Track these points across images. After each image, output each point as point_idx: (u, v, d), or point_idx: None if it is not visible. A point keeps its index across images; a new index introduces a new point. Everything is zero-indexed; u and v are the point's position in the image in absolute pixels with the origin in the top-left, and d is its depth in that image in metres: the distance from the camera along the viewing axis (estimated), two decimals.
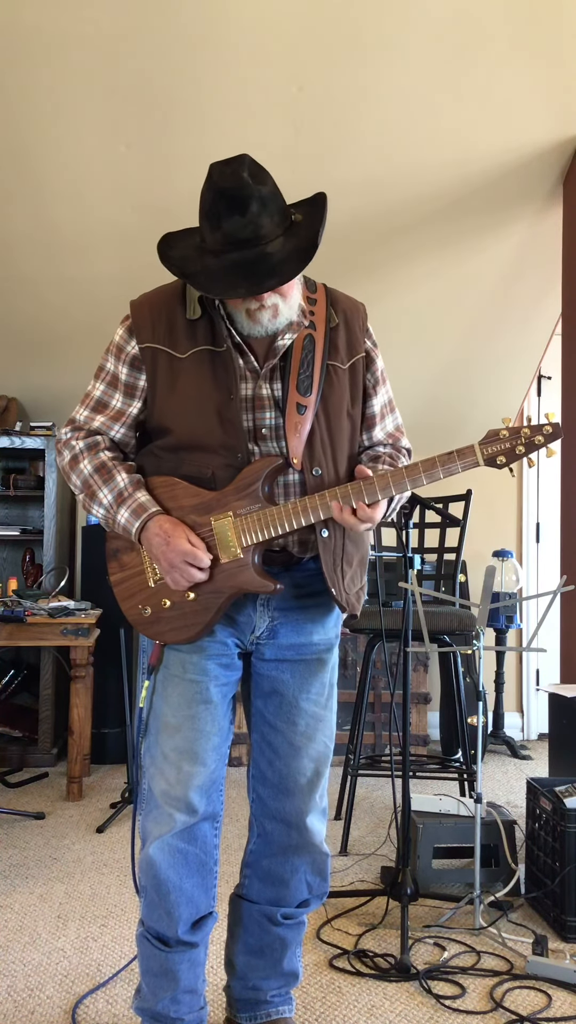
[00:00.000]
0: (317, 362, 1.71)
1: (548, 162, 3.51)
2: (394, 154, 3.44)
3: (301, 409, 1.68)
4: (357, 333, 1.78)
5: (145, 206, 3.57)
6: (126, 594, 1.76)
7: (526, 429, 1.62)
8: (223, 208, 1.54)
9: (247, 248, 1.55)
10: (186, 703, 1.71)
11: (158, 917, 1.74)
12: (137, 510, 1.67)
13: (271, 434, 1.68)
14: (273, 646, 1.76)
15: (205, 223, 1.58)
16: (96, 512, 1.73)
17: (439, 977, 2.23)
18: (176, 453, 1.71)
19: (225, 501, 1.65)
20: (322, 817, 1.83)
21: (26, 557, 4.63)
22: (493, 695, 4.79)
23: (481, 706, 2.56)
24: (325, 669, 1.80)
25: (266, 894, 1.84)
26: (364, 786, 3.88)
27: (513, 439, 1.62)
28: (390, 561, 3.97)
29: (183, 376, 1.68)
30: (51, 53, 3.02)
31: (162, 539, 1.64)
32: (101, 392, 1.75)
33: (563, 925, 2.45)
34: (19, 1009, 2.06)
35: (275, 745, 1.78)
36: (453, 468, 1.63)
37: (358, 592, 1.79)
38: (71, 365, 4.40)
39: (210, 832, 1.76)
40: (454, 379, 4.59)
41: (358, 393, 1.78)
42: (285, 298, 1.64)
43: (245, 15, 2.95)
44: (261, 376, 1.69)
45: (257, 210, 1.54)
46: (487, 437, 1.63)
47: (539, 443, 1.62)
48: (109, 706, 4.27)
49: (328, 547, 1.69)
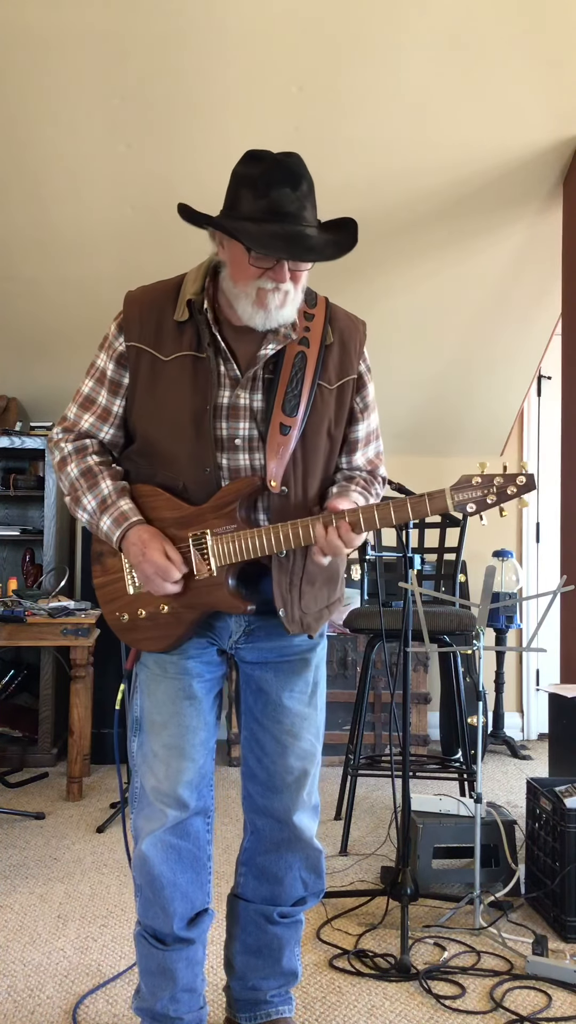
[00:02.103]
0: (307, 381, 1.68)
1: (548, 162, 3.51)
2: (394, 154, 3.44)
3: (285, 430, 1.65)
4: (352, 355, 1.75)
5: (145, 206, 3.57)
6: (107, 598, 1.78)
7: (499, 478, 1.58)
8: (276, 177, 1.53)
9: (288, 223, 1.54)
10: (170, 700, 1.72)
11: (154, 914, 1.75)
12: (119, 519, 1.67)
13: (244, 445, 1.67)
14: (253, 649, 1.76)
15: (247, 192, 1.55)
16: (80, 516, 1.74)
17: (439, 977, 2.23)
18: (149, 460, 1.71)
19: (204, 518, 1.65)
20: (312, 814, 1.83)
21: (26, 557, 4.63)
22: (493, 695, 4.79)
23: (481, 706, 2.56)
24: (309, 668, 1.79)
25: (261, 892, 1.84)
26: (364, 786, 3.88)
27: (485, 487, 1.58)
28: (390, 561, 3.97)
29: (163, 380, 1.67)
30: (51, 53, 3.02)
31: (139, 549, 1.64)
32: (90, 389, 1.75)
33: (563, 925, 2.45)
34: (19, 1009, 2.06)
35: (263, 742, 1.79)
36: (422, 511, 1.60)
37: (322, 610, 1.76)
38: (71, 365, 4.38)
39: (202, 827, 1.77)
40: (454, 379, 4.59)
41: (343, 414, 1.75)
42: (296, 290, 1.62)
43: (245, 15, 2.95)
44: (241, 384, 1.67)
45: (306, 190, 1.56)
46: (459, 482, 1.59)
47: (512, 494, 1.57)
48: (109, 706, 4.26)
49: (284, 568, 1.67)
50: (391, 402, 4.19)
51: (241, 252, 1.57)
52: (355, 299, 4.42)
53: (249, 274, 1.58)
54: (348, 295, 4.22)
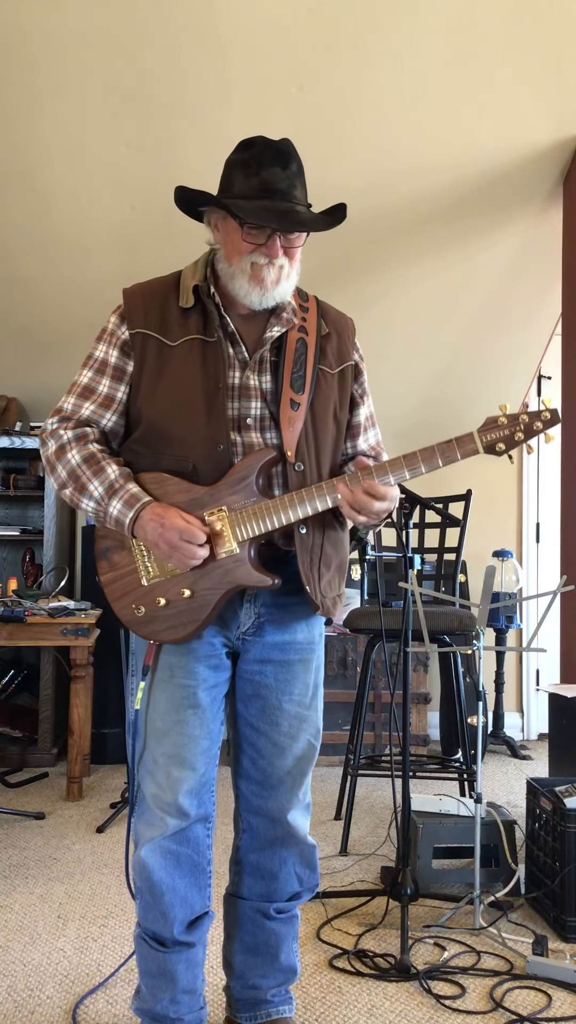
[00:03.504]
0: (309, 364, 1.72)
1: (548, 162, 3.51)
2: (394, 154, 3.44)
3: (295, 406, 1.68)
4: (347, 344, 1.81)
5: (145, 206, 3.57)
6: (117, 594, 1.74)
7: (524, 416, 1.62)
8: (267, 157, 1.60)
9: (278, 199, 1.59)
10: (174, 708, 1.71)
11: (153, 918, 1.75)
12: (130, 500, 1.63)
13: (255, 424, 1.68)
14: (259, 644, 1.75)
15: (239, 173, 1.62)
16: (85, 505, 1.68)
17: (439, 977, 2.23)
18: (153, 447, 1.68)
19: (218, 496, 1.63)
20: (305, 812, 1.84)
21: (26, 557, 4.63)
22: (493, 695, 4.79)
23: (481, 706, 2.56)
24: (308, 670, 1.79)
25: (257, 889, 1.84)
26: (364, 786, 3.88)
27: (512, 426, 1.62)
28: (390, 561, 3.97)
29: (171, 364, 1.67)
30: (51, 53, 3.02)
31: (156, 523, 1.60)
32: (88, 379, 1.73)
33: (563, 925, 2.45)
34: (19, 1009, 2.06)
35: (258, 745, 1.78)
36: (452, 456, 1.63)
37: (335, 598, 1.77)
38: (71, 365, 4.34)
39: (203, 833, 1.77)
40: (454, 379, 4.59)
41: (346, 398, 1.80)
42: (291, 265, 1.65)
43: (245, 15, 2.95)
44: (250, 367, 1.69)
45: (295, 170, 1.62)
46: (485, 425, 1.63)
47: (538, 429, 1.61)
48: (109, 706, 4.27)
49: (306, 545, 1.68)
50: (391, 402, 4.19)
51: (234, 229, 1.62)
52: (355, 299, 4.43)
53: (243, 250, 1.62)
54: (348, 295, 4.23)
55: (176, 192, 1.68)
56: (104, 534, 1.75)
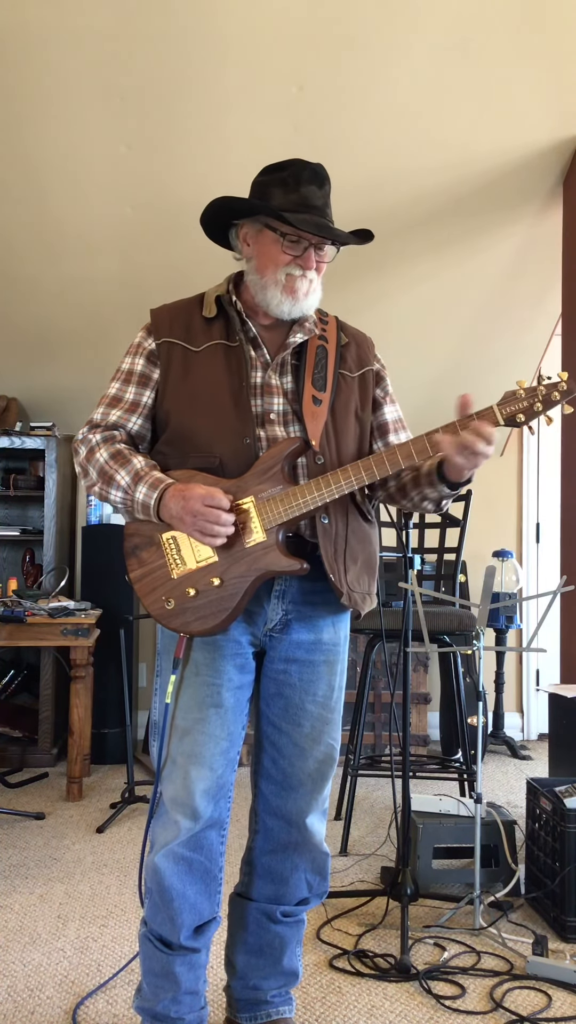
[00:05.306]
0: (330, 367, 1.78)
1: (548, 162, 3.51)
2: (394, 154, 3.44)
3: (317, 402, 1.73)
4: (367, 353, 1.87)
5: (145, 206, 3.57)
6: (147, 589, 1.75)
7: (542, 387, 1.63)
8: (306, 177, 1.69)
9: (316, 214, 1.69)
10: (197, 706, 1.71)
11: (161, 921, 1.75)
12: (155, 483, 1.67)
13: (279, 419, 1.72)
14: (285, 642, 1.76)
15: (278, 189, 1.70)
16: (115, 496, 1.72)
17: (439, 977, 2.23)
18: (180, 448, 1.72)
19: (245, 486, 1.66)
20: (322, 817, 1.84)
21: (26, 557, 4.63)
22: (493, 695, 4.79)
23: (481, 706, 2.56)
24: (333, 672, 1.80)
25: (266, 892, 1.84)
26: (364, 786, 3.88)
27: (531, 397, 1.64)
28: (390, 561, 3.97)
29: (196, 367, 1.74)
30: (51, 53, 3.02)
31: (179, 496, 1.63)
32: (116, 390, 1.79)
33: (563, 925, 2.45)
34: (19, 1009, 2.06)
35: (279, 745, 1.79)
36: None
37: (364, 594, 1.78)
38: (71, 365, 4.40)
39: (216, 840, 1.77)
40: (454, 379, 4.58)
41: (367, 400, 1.84)
42: (318, 281, 1.74)
43: (245, 15, 2.95)
44: (271, 368, 1.74)
45: (328, 191, 1.73)
46: (504, 399, 1.65)
47: (556, 399, 1.63)
48: (109, 706, 4.28)
49: (328, 534, 1.70)
50: None
51: (272, 241, 1.70)
52: (356, 299, 4.43)
53: (280, 261, 1.70)
54: (349, 295, 4.24)
55: (213, 203, 1.73)
56: (132, 531, 1.77)
